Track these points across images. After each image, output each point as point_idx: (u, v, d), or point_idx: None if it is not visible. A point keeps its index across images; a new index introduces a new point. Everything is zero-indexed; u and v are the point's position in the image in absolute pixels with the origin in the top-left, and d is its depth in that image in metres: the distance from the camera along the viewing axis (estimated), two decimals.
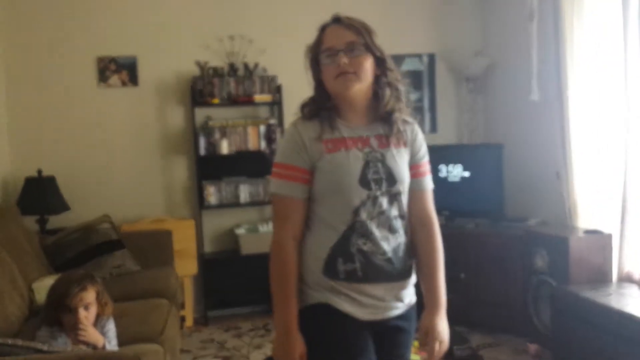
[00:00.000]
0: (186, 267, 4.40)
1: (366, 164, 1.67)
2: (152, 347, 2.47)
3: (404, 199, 1.73)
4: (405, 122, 1.76)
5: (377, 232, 1.66)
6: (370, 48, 1.67)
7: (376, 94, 1.71)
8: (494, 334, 4.00)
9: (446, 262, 1.81)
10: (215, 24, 4.64)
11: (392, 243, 1.68)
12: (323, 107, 1.70)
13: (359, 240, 1.65)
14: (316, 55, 1.70)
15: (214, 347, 4.02)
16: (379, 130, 1.72)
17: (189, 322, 4.49)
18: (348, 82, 1.64)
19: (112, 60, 4.51)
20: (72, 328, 2.32)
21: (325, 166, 1.66)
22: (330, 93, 1.70)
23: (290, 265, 1.65)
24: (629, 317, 2.82)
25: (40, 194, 4.07)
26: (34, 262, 3.37)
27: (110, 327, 2.45)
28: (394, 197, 1.69)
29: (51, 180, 4.15)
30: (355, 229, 1.65)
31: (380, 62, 1.70)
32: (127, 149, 4.59)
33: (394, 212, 1.69)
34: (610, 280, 3.44)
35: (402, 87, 1.76)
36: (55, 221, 4.16)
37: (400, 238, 1.71)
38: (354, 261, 1.65)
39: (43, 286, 2.84)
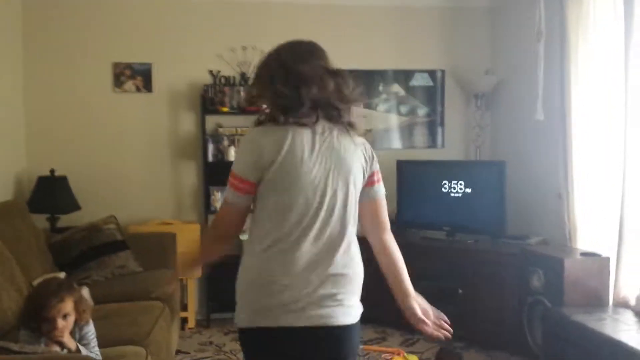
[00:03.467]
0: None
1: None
2: (134, 349, 2.50)
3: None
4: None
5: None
6: None
7: None
8: (488, 351, 3.98)
9: (445, 276, 1.83)
10: (228, 34, 4.74)
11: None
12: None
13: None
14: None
15: (211, 349, 4.10)
16: None
17: (190, 323, 4.58)
18: None
19: (128, 66, 4.64)
20: (49, 335, 2.32)
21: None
22: None
23: None
24: (619, 345, 2.77)
25: (51, 193, 4.17)
26: (38, 259, 3.45)
27: (89, 329, 2.45)
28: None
29: (63, 180, 4.26)
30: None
31: None
32: (138, 152, 4.71)
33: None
34: (607, 305, 3.39)
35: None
36: (66, 220, 4.27)
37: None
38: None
39: None
